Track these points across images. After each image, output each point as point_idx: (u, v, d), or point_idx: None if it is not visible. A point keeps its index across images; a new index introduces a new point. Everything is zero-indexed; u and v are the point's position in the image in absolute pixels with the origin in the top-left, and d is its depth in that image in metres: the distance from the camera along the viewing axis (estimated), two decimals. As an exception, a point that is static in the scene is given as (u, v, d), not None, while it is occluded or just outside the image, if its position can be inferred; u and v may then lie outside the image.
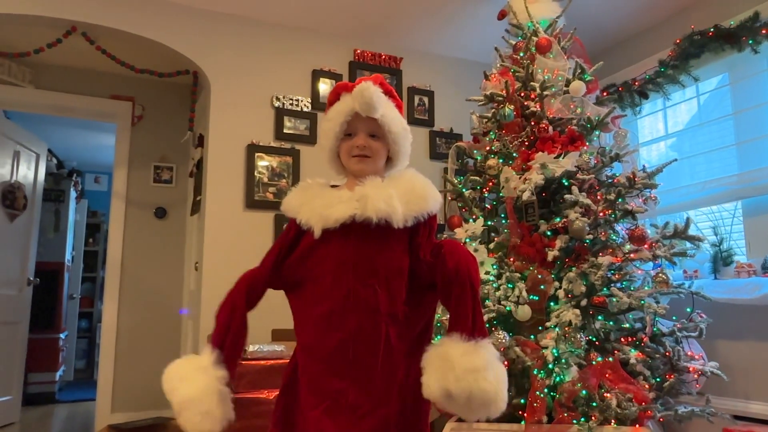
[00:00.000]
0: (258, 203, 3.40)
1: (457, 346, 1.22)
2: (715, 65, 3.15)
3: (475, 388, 1.17)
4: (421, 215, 1.37)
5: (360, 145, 1.41)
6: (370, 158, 1.42)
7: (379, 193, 1.34)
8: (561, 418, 2.14)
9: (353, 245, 1.34)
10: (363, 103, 1.36)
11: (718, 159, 3.20)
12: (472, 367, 1.18)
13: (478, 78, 3.03)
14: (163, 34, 3.36)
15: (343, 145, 1.44)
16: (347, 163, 1.44)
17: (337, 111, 1.43)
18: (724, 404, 2.64)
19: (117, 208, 4.08)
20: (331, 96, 1.48)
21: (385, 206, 1.32)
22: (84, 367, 6.72)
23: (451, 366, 1.19)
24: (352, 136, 1.42)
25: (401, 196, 1.36)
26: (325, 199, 1.38)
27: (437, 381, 1.19)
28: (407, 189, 1.38)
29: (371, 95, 1.36)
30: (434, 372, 1.21)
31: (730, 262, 2.96)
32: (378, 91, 1.37)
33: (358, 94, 1.37)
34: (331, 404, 1.31)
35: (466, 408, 1.21)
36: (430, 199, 1.40)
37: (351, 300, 1.32)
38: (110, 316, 3.95)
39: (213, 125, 3.41)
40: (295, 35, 3.68)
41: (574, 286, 2.37)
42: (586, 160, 2.55)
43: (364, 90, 1.36)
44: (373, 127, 1.42)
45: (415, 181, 1.43)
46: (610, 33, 3.72)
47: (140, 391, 3.92)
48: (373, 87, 1.37)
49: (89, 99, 4.08)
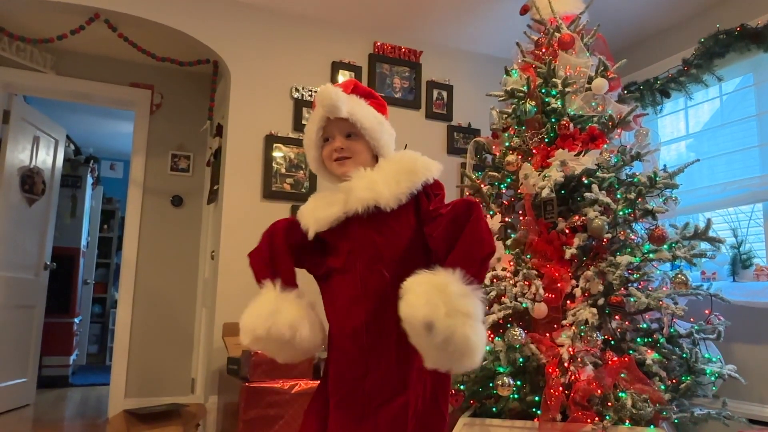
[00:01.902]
0: (275, 194, 3.41)
1: (458, 283, 1.14)
2: (740, 65, 3.11)
3: (460, 332, 1.10)
4: (414, 188, 1.36)
5: (337, 147, 1.42)
6: (350, 159, 1.43)
7: (360, 182, 1.36)
8: (575, 416, 2.13)
9: (355, 236, 1.36)
10: (325, 105, 1.38)
11: (739, 160, 3.16)
12: (466, 310, 1.12)
13: (498, 73, 3.02)
14: (185, 23, 3.37)
15: (324, 151, 1.46)
16: (331, 168, 1.46)
17: (311, 120, 1.46)
18: (739, 408, 2.62)
19: (134, 195, 4.11)
20: (313, 109, 1.50)
21: (368, 193, 1.33)
22: (97, 352, 6.80)
23: (446, 300, 1.11)
24: (329, 141, 1.44)
25: (390, 177, 1.36)
26: (318, 204, 1.42)
27: (424, 307, 1.10)
28: (395, 169, 1.39)
29: (330, 95, 1.37)
30: (424, 297, 1.12)
31: (749, 265, 2.93)
32: (338, 90, 1.38)
33: (320, 96, 1.39)
34: (346, 395, 1.33)
35: (439, 349, 1.12)
36: (420, 171, 1.38)
37: (361, 288, 1.34)
38: (125, 302, 3.99)
39: (232, 115, 3.42)
40: (315, 27, 3.68)
41: (591, 284, 2.36)
42: (607, 158, 2.53)
43: (323, 92, 1.38)
44: (347, 127, 1.42)
45: (402, 158, 1.43)
46: (633, 30, 3.68)
47: (153, 376, 3.96)
48: (333, 87, 1.39)
49: (109, 86, 4.11)
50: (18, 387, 4.09)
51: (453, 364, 1.16)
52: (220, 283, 3.27)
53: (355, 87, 1.47)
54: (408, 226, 1.37)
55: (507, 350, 2.27)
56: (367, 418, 1.30)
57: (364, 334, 1.32)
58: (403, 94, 3.81)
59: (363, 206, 1.33)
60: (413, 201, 1.37)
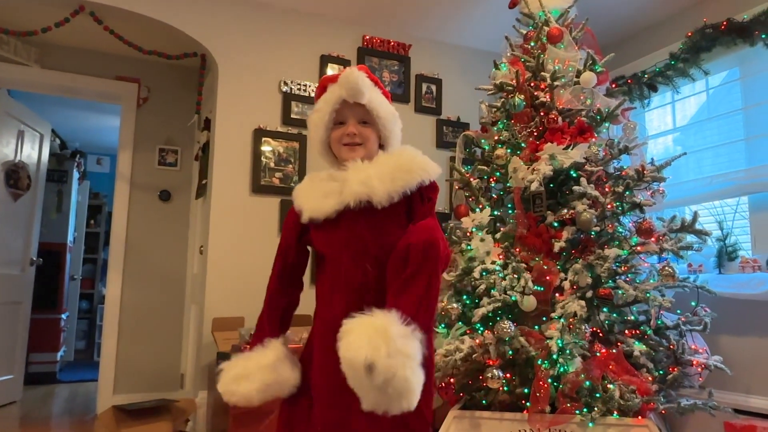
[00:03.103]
0: (264, 188, 3.40)
1: (398, 326, 1.16)
2: (727, 59, 3.13)
3: (401, 373, 1.11)
4: (408, 189, 1.35)
5: (351, 132, 1.42)
6: (361, 145, 1.43)
7: (356, 175, 1.35)
8: (564, 408, 2.15)
9: (345, 227, 1.37)
10: (349, 88, 1.38)
11: (725, 154, 3.19)
12: (406, 352, 1.13)
13: (487, 67, 3.02)
14: (172, 16, 3.33)
15: (334, 134, 1.44)
16: (338, 152, 1.45)
17: (324, 101, 1.44)
18: (725, 398, 2.65)
19: (121, 190, 4.07)
20: (318, 90, 1.49)
21: (362, 187, 1.33)
22: (84, 348, 6.75)
23: (386, 341, 1.12)
24: (342, 125, 1.43)
25: (387, 173, 1.35)
26: (316, 191, 1.42)
27: (365, 348, 1.11)
28: (393, 165, 1.38)
29: (356, 79, 1.38)
30: (364, 338, 1.13)
31: (734, 257, 2.96)
32: (363, 75, 1.39)
33: (344, 79, 1.39)
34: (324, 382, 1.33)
35: (378, 390, 1.12)
36: (416, 171, 1.38)
37: (343, 279, 1.35)
38: (113, 297, 3.96)
39: (220, 109, 3.40)
40: (303, 20, 3.65)
41: (579, 277, 2.38)
42: (595, 151, 2.54)
43: (349, 75, 1.38)
44: (361, 114, 1.43)
45: (401, 155, 1.42)
46: (621, 25, 3.69)
47: (142, 372, 3.94)
48: (358, 72, 1.39)
49: (94, 80, 4.06)
50: (4, 384, 4.06)
51: (390, 405, 1.15)
52: (209, 278, 3.26)
53: (367, 75, 1.46)
54: (398, 225, 1.37)
55: (497, 343, 2.28)
56: (340, 408, 1.29)
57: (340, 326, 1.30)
58: (392, 87, 3.80)
59: (355, 201, 1.33)
60: (406, 200, 1.37)
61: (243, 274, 3.26)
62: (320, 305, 1.43)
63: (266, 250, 3.32)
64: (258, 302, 1.53)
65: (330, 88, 1.44)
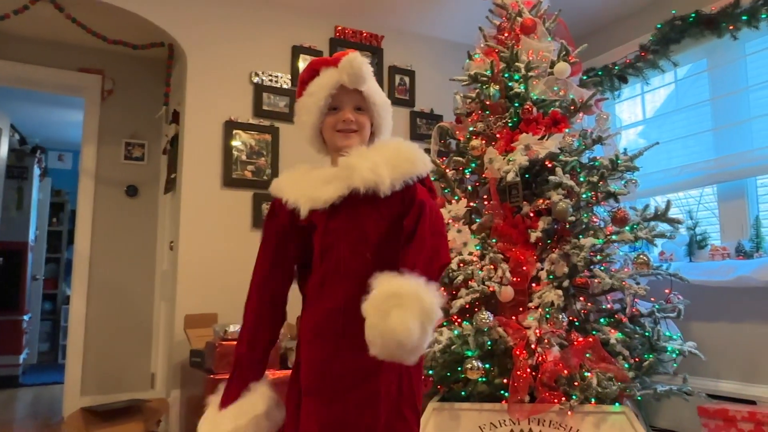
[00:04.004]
0: (236, 181, 3.33)
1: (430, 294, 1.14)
2: (695, 51, 3.18)
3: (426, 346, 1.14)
4: (410, 178, 1.33)
5: (348, 119, 1.37)
6: (356, 132, 1.38)
7: (364, 162, 1.30)
8: (543, 397, 2.16)
9: (344, 214, 1.32)
10: (352, 73, 1.34)
11: (694, 144, 3.25)
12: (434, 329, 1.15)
13: (460, 59, 3.01)
14: (138, 4, 3.23)
15: (328, 119, 1.39)
16: (332, 139, 1.40)
17: (320, 85, 1.38)
18: (697, 383, 2.70)
19: (85, 186, 3.94)
20: (306, 73, 1.43)
21: (372, 175, 1.29)
22: (48, 350, 6.56)
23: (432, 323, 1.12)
24: (337, 111, 1.38)
25: (388, 160, 1.32)
26: (311, 180, 1.35)
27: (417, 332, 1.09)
28: (393, 153, 1.35)
29: (360, 65, 1.34)
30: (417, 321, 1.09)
31: (704, 246, 3.02)
32: (366, 61, 1.36)
33: (347, 64, 1.34)
34: (315, 378, 1.29)
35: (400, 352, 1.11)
36: (419, 162, 1.36)
37: (341, 269, 1.30)
38: (78, 296, 3.83)
39: (189, 101, 3.31)
40: (275, 9, 3.58)
41: (556, 267, 2.39)
42: (570, 142, 2.56)
43: (353, 60, 1.33)
44: (357, 100, 1.39)
45: (401, 145, 1.40)
46: (592, 16, 3.72)
47: (111, 373, 3.83)
48: (361, 57, 1.35)
49: (56, 71, 3.91)
50: (-36, 388, 3.90)
51: (403, 359, 1.13)
52: (180, 274, 3.17)
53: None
54: (394, 212, 1.33)
55: (475, 334, 2.27)
56: (337, 402, 1.26)
57: (341, 316, 1.28)
58: (365, 79, 3.76)
59: (366, 187, 1.28)
60: (404, 189, 1.33)
61: (215, 270, 3.19)
62: (312, 300, 1.36)
63: (239, 244, 3.26)
64: (231, 297, 1.48)
65: (325, 71, 1.39)
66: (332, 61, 1.39)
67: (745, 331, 2.82)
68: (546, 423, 2.15)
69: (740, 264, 2.74)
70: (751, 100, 2.98)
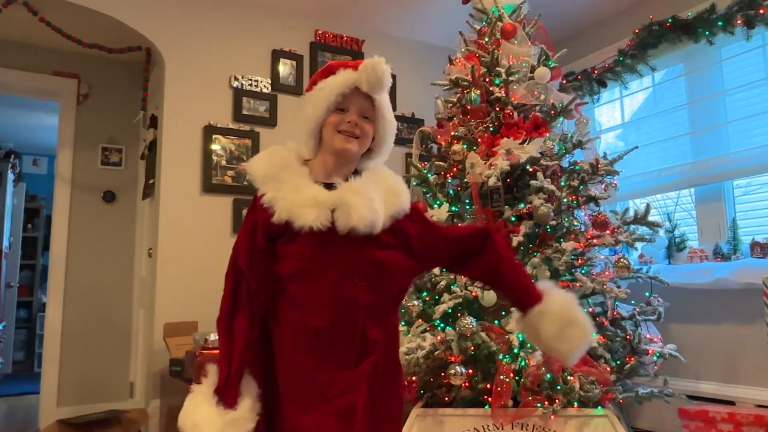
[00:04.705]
0: (216, 187, 3.29)
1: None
2: (672, 55, 3.22)
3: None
4: (395, 213, 1.31)
5: (353, 120, 1.32)
6: (357, 139, 1.33)
7: (360, 199, 1.25)
8: (526, 401, 2.16)
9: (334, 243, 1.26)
10: (374, 76, 1.29)
11: (673, 147, 3.29)
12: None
13: (441, 63, 3.01)
14: (114, 7, 3.17)
15: (332, 117, 1.33)
16: (331, 139, 1.33)
17: (333, 82, 1.32)
18: (677, 384, 2.73)
19: (61, 191, 3.87)
20: (321, 74, 1.37)
21: (370, 213, 1.25)
22: (23, 359, 6.41)
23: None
24: (344, 111, 1.33)
25: (381, 196, 1.30)
26: (297, 192, 1.27)
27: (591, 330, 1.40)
28: (384, 187, 1.33)
29: (384, 72, 1.29)
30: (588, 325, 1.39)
31: (683, 248, 3.05)
32: (389, 71, 1.31)
33: (370, 68, 1.29)
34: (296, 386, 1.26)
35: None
36: (403, 195, 1.35)
37: (330, 293, 1.26)
38: (54, 304, 3.76)
39: (167, 105, 3.27)
40: (254, 13, 3.55)
41: (538, 271, 2.39)
42: (550, 146, 2.57)
43: (376, 65, 1.29)
44: (366, 108, 1.34)
45: (389, 179, 1.38)
46: (571, 21, 3.76)
47: (88, 382, 3.76)
48: (386, 65, 1.30)
49: (30, 75, 3.83)
50: (-65, 400, 3.80)
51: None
52: (159, 281, 3.12)
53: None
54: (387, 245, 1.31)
55: (458, 339, 2.27)
56: (315, 411, 1.24)
57: (328, 333, 1.26)
58: (346, 83, 3.74)
59: (364, 227, 1.24)
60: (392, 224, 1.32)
61: (195, 277, 3.14)
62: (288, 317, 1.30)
63: (219, 251, 3.20)
64: (211, 305, 1.43)
65: (342, 72, 1.34)
66: (353, 65, 1.35)
67: (723, 332, 2.86)
68: (529, 427, 2.15)
69: (718, 266, 2.77)
70: (727, 104, 3.03)
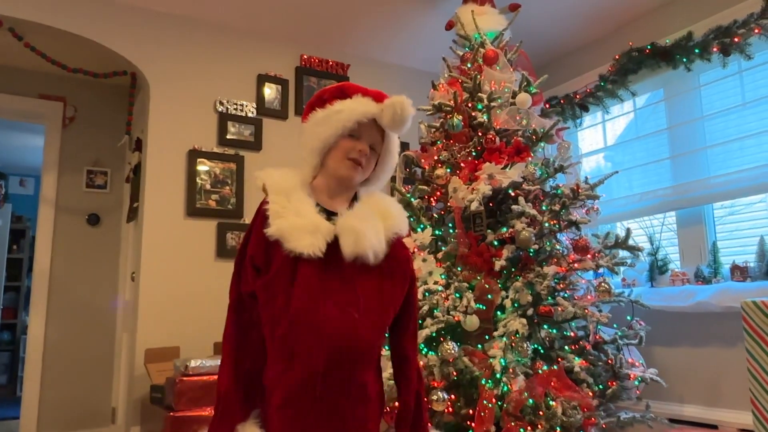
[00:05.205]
0: (199, 211, 3.28)
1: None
2: (652, 81, 3.28)
3: None
4: (393, 236, 1.32)
5: (364, 150, 1.31)
6: (362, 168, 1.33)
7: (367, 226, 1.25)
8: (509, 427, 2.15)
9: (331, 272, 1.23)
10: (399, 117, 1.28)
11: (653, 171, 3.33)
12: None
13: (425, 87, 3.04)
14: (99, 33, 3.19)
15: (343, 142, 1.30)
16: (338, 163, 1.30)
17: (354, 109, 1.30)
18: (660, 408, 2.73)
19: (45, 214, 3.84)
20: (331, 93, 1.35)
21: (377, 242, 1.25)
22: (6, 383, 6.30)
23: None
24: (355, 138, 1.31)
25: (379, 223, 1.29)
26: (299, 216, 1.23)
27: None
28: (380, 212, 1.32)
29: (409, 113, 1.29)
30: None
31: (665, 271, 3.08)
32: (413, 113, 1.30)
33: (398, 107, 1.27)
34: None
35: None
36: (399, 217, 1.35)
37: (325, 330, 1.19)
38: (37, 328, 3.71)
39: (152, 129, 3.27)
40: (240, 38, 3.58)
41: (520, 295, 2.40)
42: (532, 171, 2.59)
43: (404, 103, 1.28)
44: (377, 141, 1.34)
45: (381, 202, 1.36)
46: (553, 47, 3.82)
47: (69, 408, 3.70)
48: (411, 107, 1.29)
49: (15, 98, 3.82)
50: None
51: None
52: (142, 306, 3.10)
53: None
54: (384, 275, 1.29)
55: (441, 365, 2.26)
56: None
57: (320, 381, 1.19)
58: (332, 107, 3.76)
59: (374, 256, 1.24)
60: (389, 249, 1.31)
61: (178, 302, 3.12)
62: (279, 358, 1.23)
63: (203, 275, 3.21)
64: (194, 330, 1.42)
65: (358, 98, 1.32)
66: (371, 93, 1.34)
67: (706, 355, 2.87)
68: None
69: (699, 289, 2.79)
70: (706, 128, 3.08)
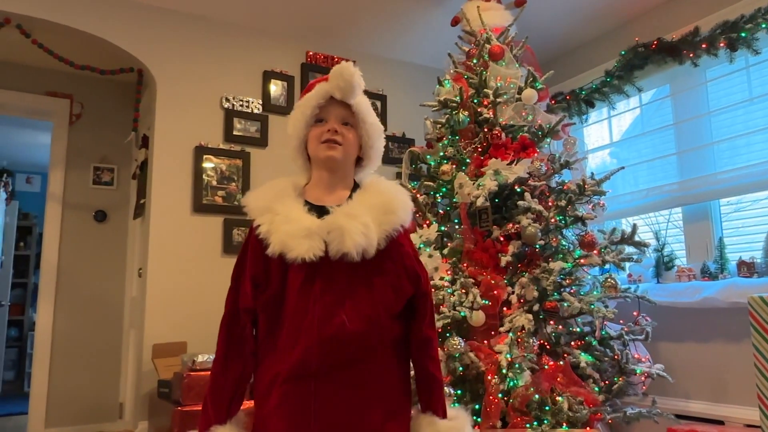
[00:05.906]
0: (206, 207, 3.29)
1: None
2: (658, 76, 3.26)
3: None
4: (389, 233, 1.25)
5: (332, 128, 1.29)
6: (341, 146, 1.29)
7: (353, 223, 1.20)
8: (515, 422, 2.16)
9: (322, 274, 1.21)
10: (343, 81, 1.28)
11: (659, 167, 3.32)
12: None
13: (431, 83, 3.04)
14: (106, 29, 3.20)
15: (313, 131, 1.31)
16: (316, 152, 1.30)
17: (308, 96, 1.33)
18: (666, 404, 2.73)
19: (53, 210, 3.87)
20: (303, 93, 1.38)
21: (363, 239, 1.19)
22: (13, 379, 6.35)
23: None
24: (323, 123, 1.31)
25: (375, 218, 1.24)
26: (289, 223, 1.21)
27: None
28: (378, 206, 1.27)
29: (351, 74, 1.28)
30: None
31: (671, 267, 3.07)
32: (358, 72, 1.30)
33: (337, 73, 1.28)
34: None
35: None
36: (399, 212, 1.28)
37: (316, 333, 1.17)
38: (45, 324, 3.74)
39: (158, 126, 3.28)
40: (245, 35, 3.59)
41: (526, 291, 2.40)
42: (538, 166, 2.59)
43: (343, 69, 1.28)
44: (345, 115, 1.32)
45: (385, 193, 1.31)
46: (559, 43, 3.81)
47: (77, 403, 3.73)
48: (353, 68, 1.29)
49: (23, 95, 3.86)
50: None
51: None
52: (149, 301, 3.11)
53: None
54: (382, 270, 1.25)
55: (447, 360, 2.27)
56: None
57: (313, 392, 1.17)
58: (337, 103, 3.77)
59: (357, 253, 1.19)
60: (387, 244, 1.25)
61: (185, 297, 3.13)
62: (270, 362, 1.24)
63: (209, 271, 3.22)
64: (201, 325, 1.43)
65: (317, 86, 1.34)
66: (326, 77, 1.34)
67: (712, 351, 2.87)
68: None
69: (706, 285, 2.78)
70: (712, 124, 3.06)
